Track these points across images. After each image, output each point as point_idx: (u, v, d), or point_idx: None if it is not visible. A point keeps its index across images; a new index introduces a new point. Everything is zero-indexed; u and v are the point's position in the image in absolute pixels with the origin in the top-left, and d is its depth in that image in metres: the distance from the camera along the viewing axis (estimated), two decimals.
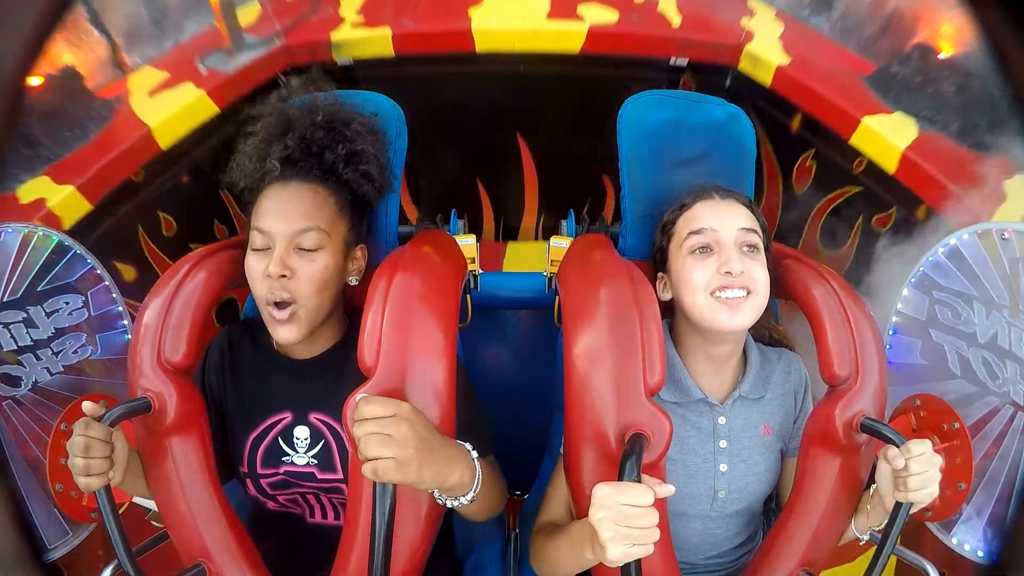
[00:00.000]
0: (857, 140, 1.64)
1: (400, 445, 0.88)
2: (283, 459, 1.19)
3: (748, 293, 1.10)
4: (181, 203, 1.95)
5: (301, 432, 1.19)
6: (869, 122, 1.60)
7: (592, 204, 2.56)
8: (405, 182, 2.50)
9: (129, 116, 1.74)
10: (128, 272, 1.78)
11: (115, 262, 1.69)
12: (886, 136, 1.56)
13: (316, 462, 1.18)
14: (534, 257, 2.54)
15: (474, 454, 1.03)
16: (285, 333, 1.11)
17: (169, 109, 1.76)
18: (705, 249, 1.13)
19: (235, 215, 2.19)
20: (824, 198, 1.97)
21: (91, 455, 0.97)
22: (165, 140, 1.75)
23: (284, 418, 1.20)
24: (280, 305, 1.10)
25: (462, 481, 1.00)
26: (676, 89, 2.19)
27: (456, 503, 1.02)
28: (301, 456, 1.18)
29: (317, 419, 1.19)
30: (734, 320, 1.09)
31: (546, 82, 2.21)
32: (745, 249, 1.12)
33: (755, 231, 1.15)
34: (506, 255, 2.66)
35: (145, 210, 1.84)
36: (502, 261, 2.65)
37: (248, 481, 1.21)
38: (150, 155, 1.74)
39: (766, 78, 1.88)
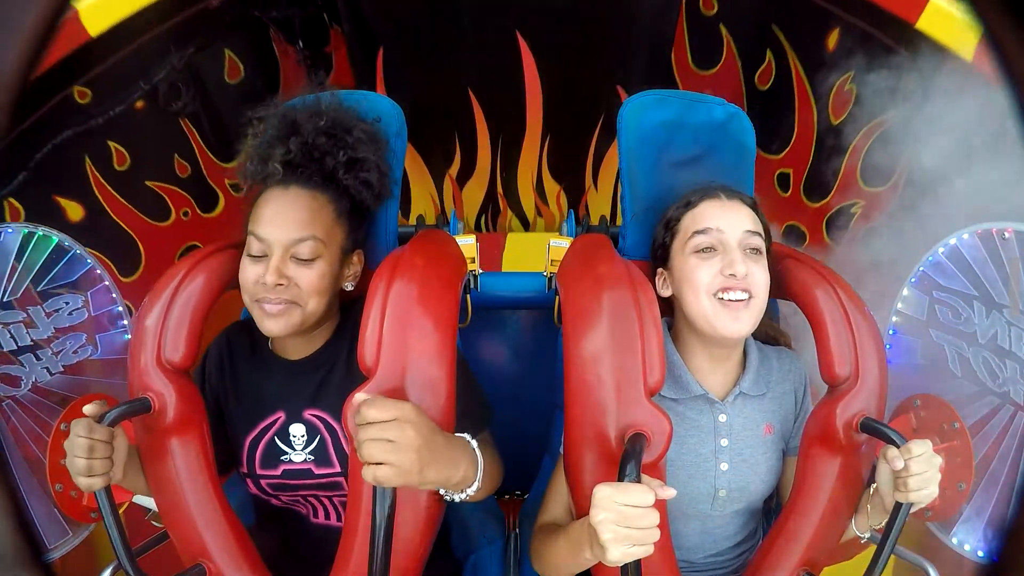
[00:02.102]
0: (926, 23, 1.40)
1: (402, 450, 0.88)
2: (281, 458, 1.19)
3: (749, 296, 1.10)
4: (135, 133, 1.70)
5: (297, 430, 1.19)
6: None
7: (606, 119, 2.29)
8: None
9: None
10: (74, 210, 1.56)
11: (58, 197, 1.52)
12: (959, 16, 1.31)
13: (313, 458, 1.19)
14: (535, 253, 2.31)
15: (473, 444, 1.03)
16: (272, 324, 1.10)
17: None
18: (709, 249, 1.13)
19: (199, 149, 1.93)
20: (867, 125, 1.71)
21: (93, 456, 0.97)
22: (95, 25, 1.45)
23: (278, 418, 1.20)
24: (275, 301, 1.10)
25: (466, 476, 1.00)
26: None
27: (461, 496, 1.02)
28: (299, 453, 1.19)
29: (312, 415, 1.19)
30: (734, 327, 1.10)
31: None
32: (748, 251, 1.13)
33: (759, 234, 1.15)
34: (506, 246, 2.50)
35: (93, 138, 1.60)
36: (501, 256, 2.46)
37: (249, 481, 1.22)
38: (74, 43, 1.44)
39: None
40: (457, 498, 1.02)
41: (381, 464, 0.87)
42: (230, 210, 2.04)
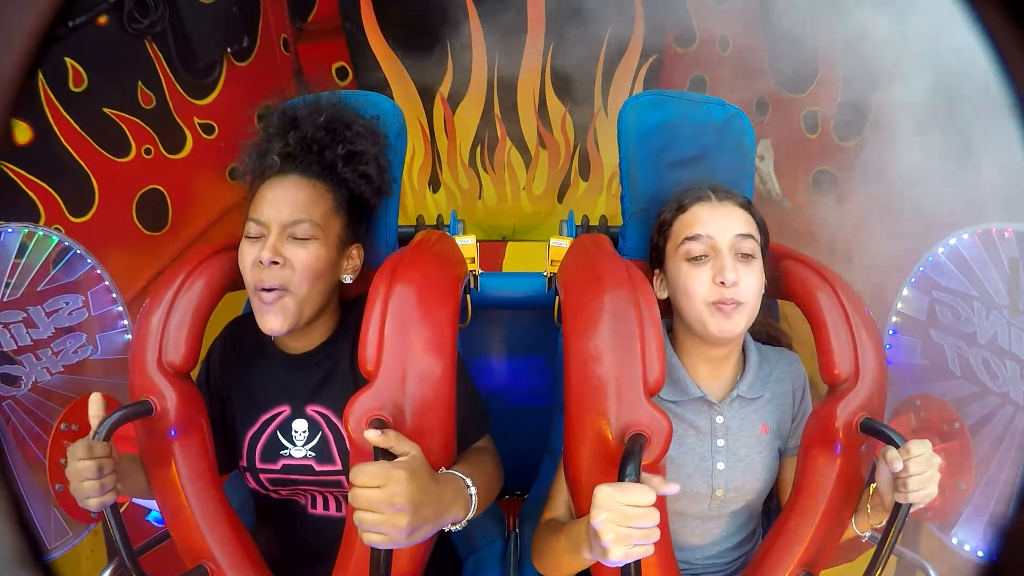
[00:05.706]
0: None
1: (391, 523, 0.88)
2: (281, 452, 1.19)
3: (739, 303, 1.11)
4: (95, 51, 1.53)
5: (299, 425, 1.19)
6: None
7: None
8: (372, 10, 2.01)
9: None
10: (21, 131, 1.39)
11: None
12: None
13: (314, 455, 1.19)
14: (537, 258, 2.25)
15: (472, 489, 1.04)
16: (271, 321, 1.10)
17: None
18: (701, 257, 1.14)
19: (166, 79, 1.74)
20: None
21: (103, 474, 0.97)
22: None
23: (283, 411, 1.20)
24: (269, 290, 1.10)
25: (456, 516, 1.01)
26: None
27: (452, 528, 1.03)
28: (299, 449, 1.19)
29: (314, 411, 1.19)
30: (727, 326, 1.11)
31: None
32: (740, 256, 1.13)
33: (751, 236, 1.15)
34: (506, 255, 2.49)
35: (48, 50, 1.51)
36: (501, 261, 2.42)
37: (248, 475, 1.22)
38: None
39: None
40: (449, 529, 1.03)
41: (377, 534, 0.88)
42: (199, 154, 1.86)
